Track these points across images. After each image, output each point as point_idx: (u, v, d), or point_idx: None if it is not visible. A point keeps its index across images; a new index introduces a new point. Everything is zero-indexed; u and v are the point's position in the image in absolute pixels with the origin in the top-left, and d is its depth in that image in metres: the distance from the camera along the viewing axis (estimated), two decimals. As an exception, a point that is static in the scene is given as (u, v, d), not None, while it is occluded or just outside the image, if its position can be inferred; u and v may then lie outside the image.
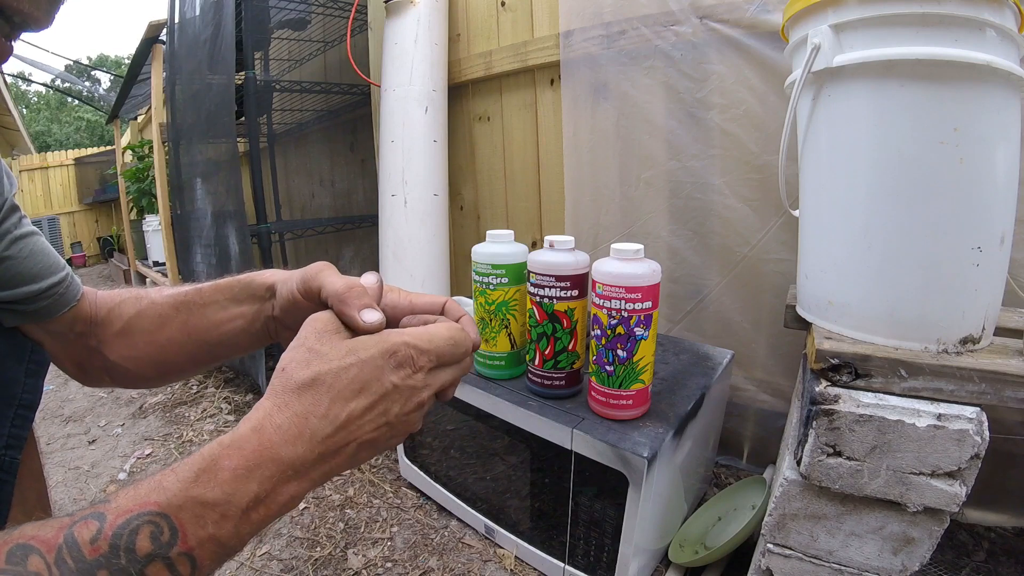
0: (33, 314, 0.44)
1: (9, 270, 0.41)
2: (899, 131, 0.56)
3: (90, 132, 15.49)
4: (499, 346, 0.86)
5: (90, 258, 5.89)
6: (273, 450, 0.30)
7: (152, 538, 0.26)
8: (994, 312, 0.60)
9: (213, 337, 0.50)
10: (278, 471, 0.30)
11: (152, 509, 0.27)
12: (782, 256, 1.00)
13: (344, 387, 0.32)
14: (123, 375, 0.51)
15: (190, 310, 0.50)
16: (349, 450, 0.33)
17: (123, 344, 0.50)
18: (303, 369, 0.32)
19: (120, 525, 0.26)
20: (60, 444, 1.45)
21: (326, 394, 0.32)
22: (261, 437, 0.30)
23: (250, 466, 0.29)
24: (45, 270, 0.44)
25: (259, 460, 0.29)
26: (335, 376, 0.32)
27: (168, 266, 2.40)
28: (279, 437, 0.30)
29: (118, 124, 4.05)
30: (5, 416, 0.39)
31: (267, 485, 0.30)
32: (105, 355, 0.49)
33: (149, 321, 0.50)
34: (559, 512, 0.79)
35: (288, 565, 0.94)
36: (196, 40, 1.67)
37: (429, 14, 1.35)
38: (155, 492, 0.28)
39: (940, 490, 0.54)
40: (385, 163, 1.40)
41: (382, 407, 0.33)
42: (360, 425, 0.33)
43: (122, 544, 0.26)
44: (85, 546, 0.25)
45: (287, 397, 0.31)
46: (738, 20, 0.96)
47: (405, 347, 0.34)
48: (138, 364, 0.50)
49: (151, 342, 0.50)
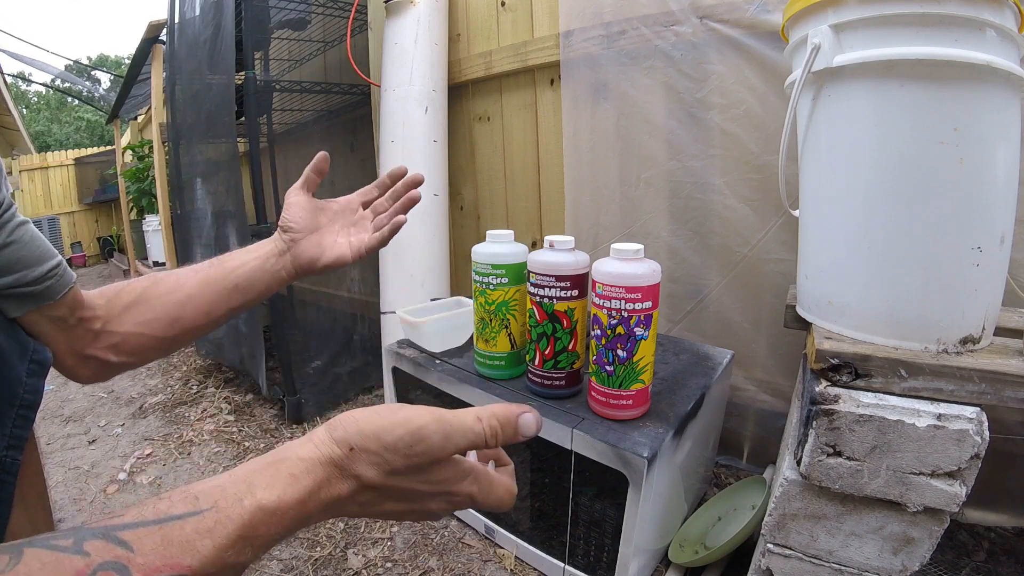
0: (39, 296, 0.44)
1: (15, 253, 0.42)
2: (899, 131, 0.56)
3: (90, 132, 15.50)
4: (499, 346, 0.86)
5: (90, 258, 5.89)
6: (306, 520, 0.31)
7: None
8: (994, 312, 0.60)
9: (230, 281, 0.56)
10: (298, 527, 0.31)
11: (184, 573, 0.26)
12: (782, 256, 1.00)
13: (396, 498, 0.33)
14: (137, 345, 0.53)
15: (209, 266, 0.56)
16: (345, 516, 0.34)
17: (137, 312, 0.53)
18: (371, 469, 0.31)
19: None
20: (60, 444, 1.45)
21: (378, 493, 0.32)
22: (302, 510, 0.30)
23: (283, 533, 0.30)
24: (45, 253, 0.45)
25: (291, 528, 0.30)
26: (396, 491, 0.33)
27: (168, 266, 2.41)
28: (316, 510, 0.31)
29: (118, 124, 4.06)
30: (7, 416, 0.39)
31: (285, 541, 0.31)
32: (113, 331, 0.51)
33: (167, 284, 0.55)
34: (559, 512, 0.79)
35: (288, 565, 0.94)
36: (196, 40, 1.67)
37: (429, 14, 1.35)
38: (188, 554, 0.26)
39: (940, 490, 0.54)
40: (385, 163, 1.40)
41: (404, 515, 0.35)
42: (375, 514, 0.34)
43: None
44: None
45: (343, 477, 0.31)
46: (738, 20, 0.96)
47: (468, 498, 0.35)
48: (153, 327, 0.53)
49: (170, 302, 0.54)
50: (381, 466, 0.31)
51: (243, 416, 1.56)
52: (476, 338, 0.89)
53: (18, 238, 0.43)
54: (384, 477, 0.32)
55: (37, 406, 0.42)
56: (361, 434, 0.32)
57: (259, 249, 0.58)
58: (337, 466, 0.31)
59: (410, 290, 1.35)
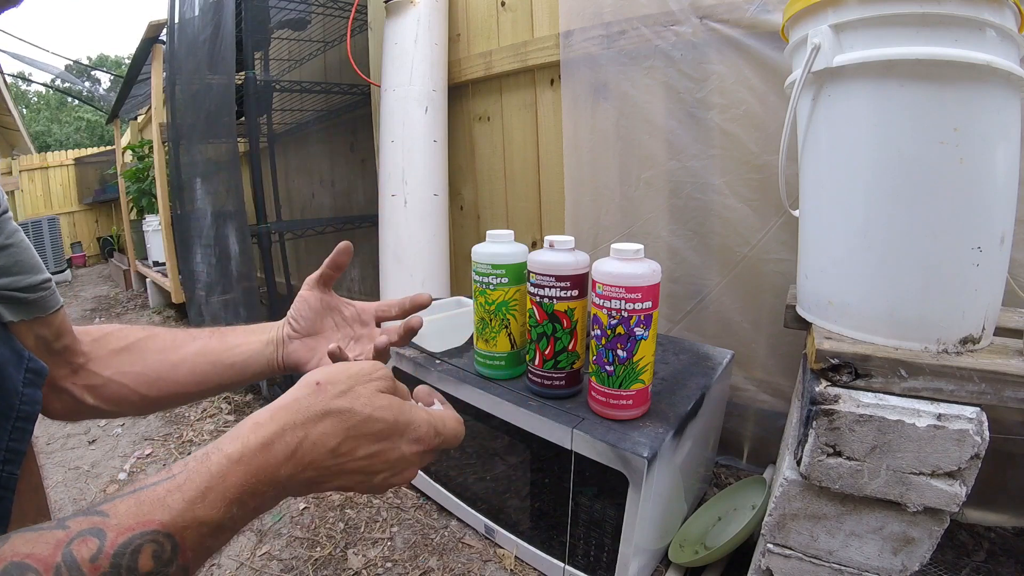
0: (32, 305, 0.44)
1: (14, 256, 0.42)
2: (899, 131, 0.56)
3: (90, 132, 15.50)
4: (499, 346, 0.86)
5: (90, 258, 5.89)
6: (275, 470, 0.31)
7: (154, 557, 0.26)
8: (994, 312, 0.60)
9: (227, 358, 0.53)
10: (272, 490, 0.31)
11: (155, 528, 0.27)
12: (782, 256, 1.00)
13: (364, 434, 0.33)
14: (115, 394, 0.51)
15: (209, 336, 0.54)
16: (325, 485, 0.34)
17: (124, 360, 0.51)
18: (338, 398, 0.33)
19: (122, 544, 0.26)
20: (60, 444, 1.45)
21: (346, 431, 0.32)
22: (268, 455, 0.30)
23: (253, 484, 0.30)
24: (39, 264, 0.45)
25: (261, 479, 0.30)
26: (363, 421, 0.33)
27: (168, 266, 2.41)
28: (284, 457, 0.31)
29: (118, 124, 4.05)
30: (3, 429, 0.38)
31: (260, 501, 0.31)
32: (95, 371, 0.50)
33: (163, 342, 0.53)
34: (559, 512, 0.79)
35: (288, 565, 0.94)
36: (196, 40, 1.67)
37: (429, 14, 1.35)
38: (159, 510, 0.27)
39: (940, 490, 0.54)
40: (385, 163, 1.40)
41: (378, 466, 0.34)
42: (352, 469, 0.33)
43: (124, 564, 0.25)
44: (84, 564, 0.25)
45: (308, 416, 0.32)
46: (738, 20, 0.96)
47: (428, 426, 0.36)
48: (138, 381, 0.51)
49: (162, 360, 0.52)
50: (348, 393, 0.33)
51: (243, 416, 1.56)
52: (476, 338, 0.89)
53: (16, 242, 0.42)
54: (354, 401, 0.33)
55: (35, 418, 0.41)
56: (325, 372, 0.34)
57: (262, 332, 0.56)
58: (303, 404, 0.32)
59: (410, 290, 1.35)
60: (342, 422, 0.32)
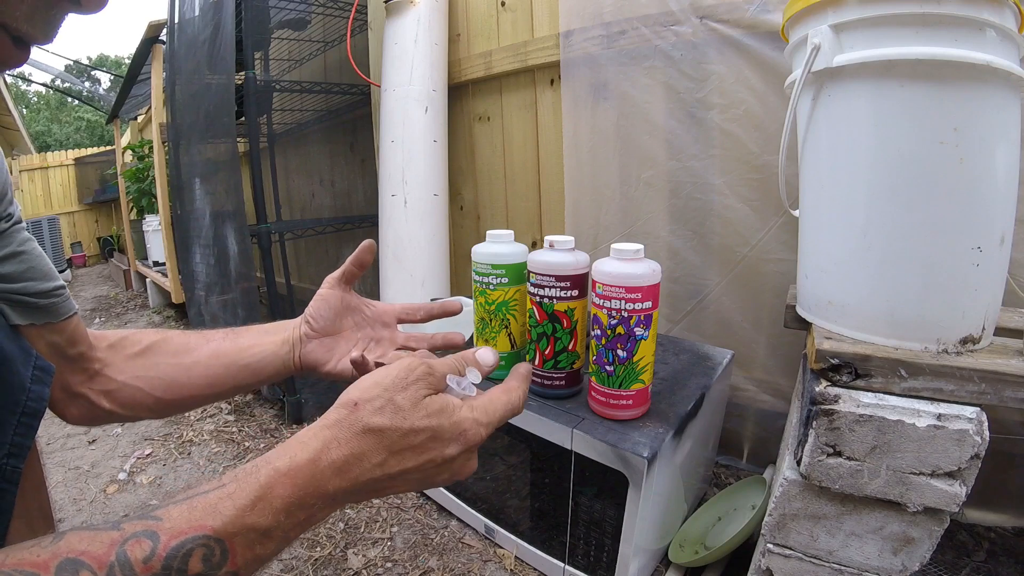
0: (42, 311, 0.44)
1: (25, 262, 0.43)
2: (899, 131, 0.56)
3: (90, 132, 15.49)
4: (499, 346, 0.86)
5: (90, 258, 5.89)
6: (323, 484, 0.31)
7: (204, 560, 0.27)
8: (994, 312, 0.60)
9: (241, 359, 0.53)
10: (322, 502, 0.31)
11: (207, 533, 0.28)
12: (782, 256, 1.00)
13: (407, 447, 0.33)
14: (130, 398, 0.51)
15: (223, 337, 0.54)
16: (380, 493, 0.34)
17: (139, 364, 0.51)
18: (376, 415, 0.33)
19: (174, 547, 0.27)
20: (60, 444, 1.45)
21: (388, 447, 0.33)
22: (315, 469, 0.31)
23: (301, 496, 0.30)
24: (51, 272, 0.45)
25: (309, 491, 0.31)
26: (403, 436, 0.33)
27: (168, 266, 2.41)
28: (331, 472, 0.31)
29: (118, 124, 4.05)
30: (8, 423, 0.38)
31: (310, 512, 0.31)
32: (110, 376, 0.50)
33: (177, 345, 0.53)
34: (559, 512, 0.79)
35: (288, 565, 0.94)
36: (196, 40, 1.67)
37: (429, 14, 1.35)
38: (211, 516, 0.28)
39: (940, 490, 0.54)
40: (385, 163, 1.40)
41: (430, 472, 0.35)
42: (404, 480, 0.34)
43: (175, 566, 0.26)
44: (137, 564, 0.25)
45: (350, 435, 0.32)
46: (738, 20, 0.96)
47: (475, 425, 0.35)
48: (153, 384, 0.51)
49: (176, 364, 0.52)
50: (386, 408, 0.33)
51: (243, 416, 1.56)
52: (476, 338, 0.89)
53: (28, 250, 0.43)
54: (392, 417, 0.33)
55: (41, 414, 0.41)
56: (360, 387, 0.34)
57: (278, 332, 0.55)
58: (344, 425, 0.33)
59: (410, 290, 1.35)
60: (383, 439, 0.33)
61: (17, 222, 0.43)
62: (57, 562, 0.24)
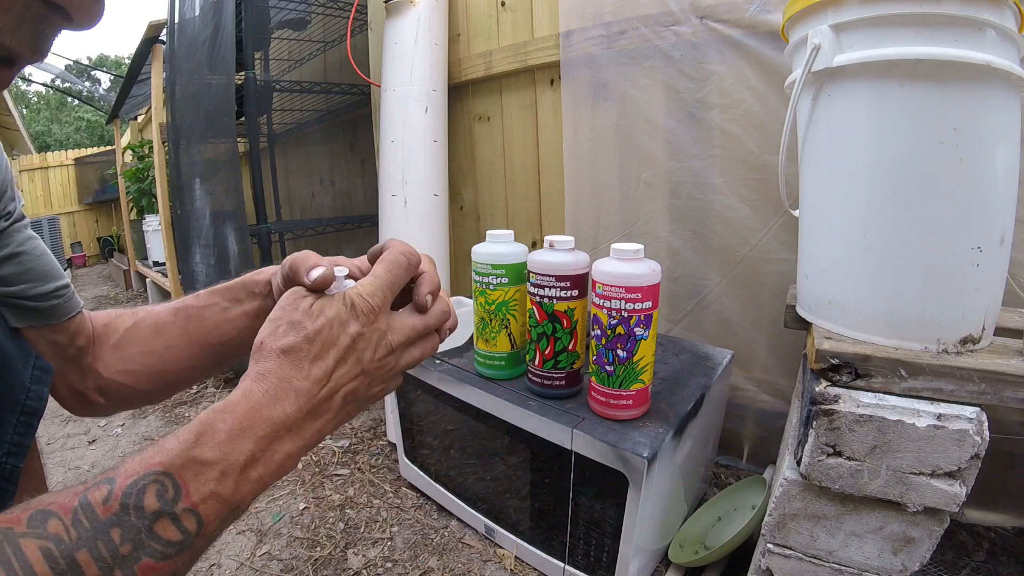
0: (42, 314, 0.44)
1: (23, 264, 0.43)
2: (899, 131, 0.56)
3: (90, 132, 15.49)
4: (499, 346, 0.86)
5: (90, 258, 5.89)
6: (263, 411, 0.32)
7: (158, 495, 0.28)
8: (994, 312, 0.60)
9: (215, 338, 0.51)
10: (270, 430, 0.32)
11: (156, 469, 0.29)
12: (782, 256, 1.00)
13: (317, 347, 0.34)
14: (118, 393, 0.50)
15: (188, 315, 0.51)
16: (335, 404, 0.35)
17: (118, 358, 0.50)
18: (278, 339, 0.34)
19: (128, 485, 0.28)
20: (60, 444, 1.45)
21: (303, 357, 0.34)
22: (250, 401, 0.32)
23: (243, 426, 0.31)
24: (53, 272, 0.45)
25: (251, 421, 0.31)
26: (307, 340, 0.34)
27: (168, 266, 2.41)
28: (267, 400, 0.32)
29: (118, 124, 4.05)
30: (7, 422, 0.38)
31: (262, 444, 0.32)
32: (99, 372, 0.49)
33: (145, 331, 0.51)
34: (559, 512, 0.79)
35: (288, 565, 0.94)
36: (196, 40, 1.67)
37: (429, 14, 1.35)
38: (159, 454, 0.29)
39: (940, 490, 0.54)
40: (385, 163, 1.40)
41: (354, 356, 0.35)
42: (338, 378, 0.35)
43: (131, 503, 0.27)
44: (98, 507, 0.27)
45: (268, 365, 0.34)
46: (738, 20, 0.96)
47: (358, 297, 0.36)
48: (135, 378, 0.50)
49: (148, 351, 0.50)
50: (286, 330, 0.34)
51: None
52: (476, 338, 0.89)
53: (28, 250, 0.43)
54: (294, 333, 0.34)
55: (40, 413, 0.41)
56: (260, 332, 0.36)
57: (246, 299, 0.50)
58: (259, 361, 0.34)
59: (410, 290, 1.34)
60: (298, 353, 0.34)
61: (18, 220, 0.43)
62: (28, 515, 0.26)
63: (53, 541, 0.25)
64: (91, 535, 0.26)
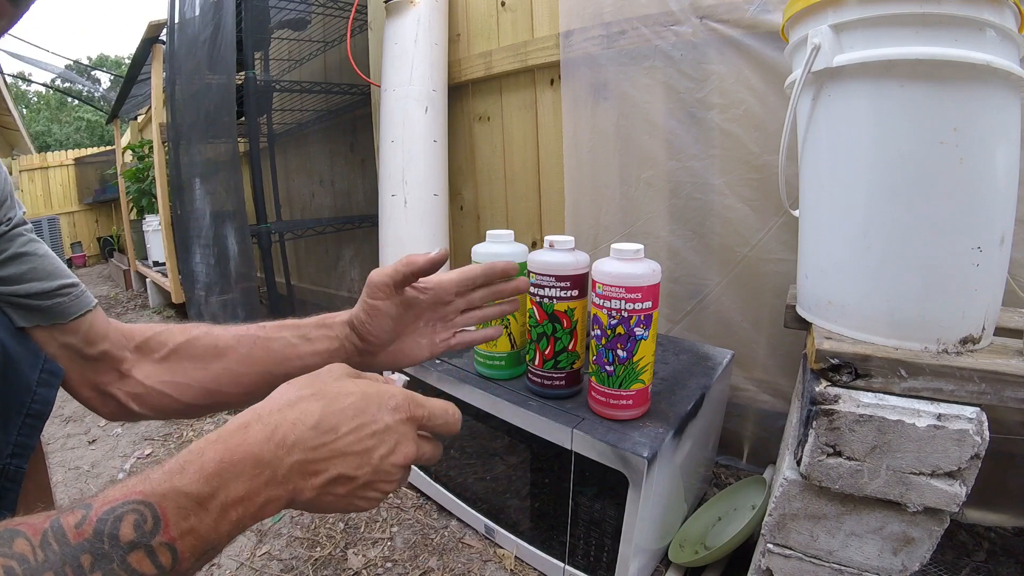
0: (45, 312, 0.44)
1: (25, 264, 0.42)
2: (899, 131, 0.56)
3: (90, 132, 15.48)
4: (499, 346, 0.86)
5: (90, 258, 5.89)
6: (255, 447, 0.31)
7: (135, 526, 0.27)
8: (994, 312, 0.60)
9: (280, 370, 0.50)
10: (257, 471, 0.31)
11: (137, 498, 0.28)
12: (782, 256, 1.00)
13: (337, 408, 0.33)
14: (158, 403, 0.50)
15: (253, 343, 0.51)
16: (326, 474, 0.33)
17: (165, 369, 0.50)
18: (306, 387, 0.34)
19: (105, 511, 0.27)
20: (60, 444, 1.45)
21: (319, 409, 0.33)
22: (245, 434, 0.31)
23: (233, 460, 0.30)
24: (57, 271, 0.45)
25: (241, 456, 0.30)
26: (334, 397, 0.33)
27: (168, 266, 2.41)
28: (263, 436, 0.31)
29: (118, 124, 4.05)
30: (12, 423, 0.38)
31: (247, 484, 0.30)
32: (139, 380, 0.49)
33: (201, 349, 0.51)
34: (559, 512, 0.79)
35: (288, 565, 0.94)
36: (196, 40, 1.67)
37: (429, 14, 1.35)
38: (141, 483, 0.28)
39: (940, 490, 0.54)
40: (385, 163, 1.40)
41: (369, 442, 0.34)
42: (343, 449, 0.33)
43: (106, 530, 0.26)
44: (70, 530, 0.26)
45: (282, 403, 0.33)
46: (738, 20, 0.96)
47: (404, 396, 0.35)
48: (181, 391, 0.50)
49: (203, 369, 0.50)
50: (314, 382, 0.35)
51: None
52: (476, 338, 0.89)
53: (31, 252, 0.43)
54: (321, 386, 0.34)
55: (46, 416, 0.41)
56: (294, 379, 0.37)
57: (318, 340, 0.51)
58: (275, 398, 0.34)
59: (410, 290, 1.34)
60: (315, 400, 0.33)
61: (19, 224, 0.43)
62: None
63: (17, 560, 0.24)
64: (59, 559, 0.25)
